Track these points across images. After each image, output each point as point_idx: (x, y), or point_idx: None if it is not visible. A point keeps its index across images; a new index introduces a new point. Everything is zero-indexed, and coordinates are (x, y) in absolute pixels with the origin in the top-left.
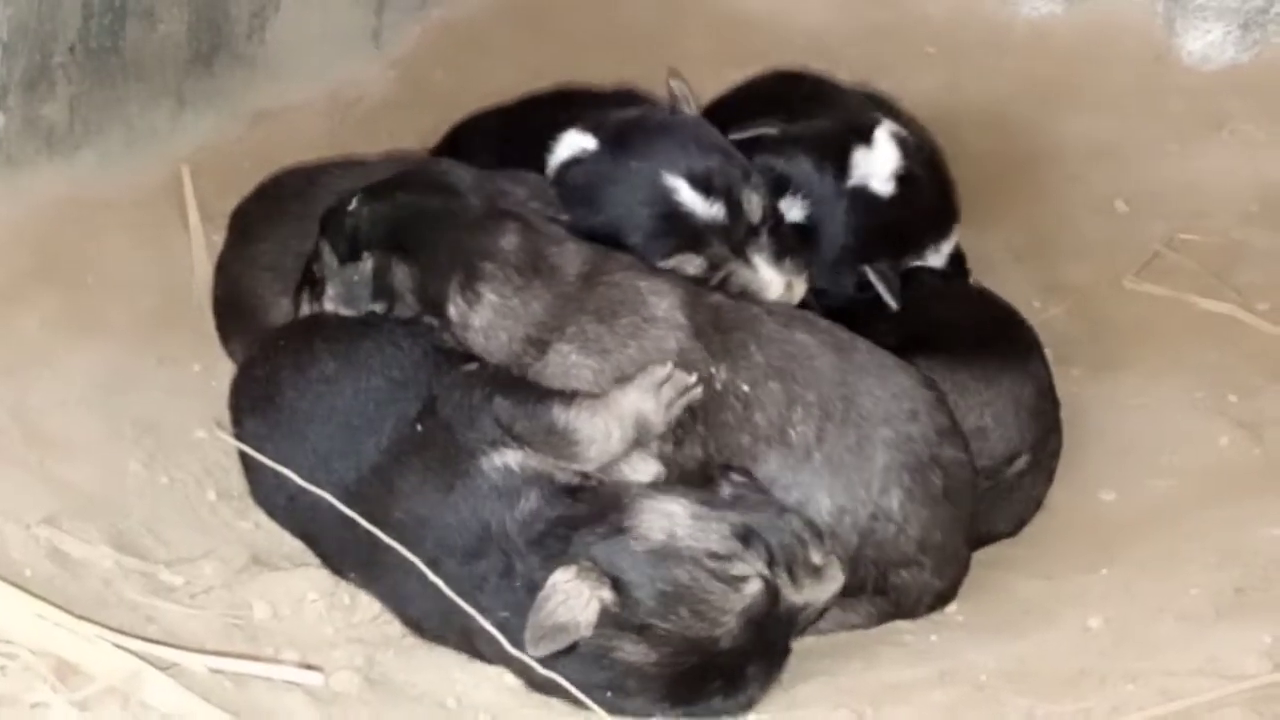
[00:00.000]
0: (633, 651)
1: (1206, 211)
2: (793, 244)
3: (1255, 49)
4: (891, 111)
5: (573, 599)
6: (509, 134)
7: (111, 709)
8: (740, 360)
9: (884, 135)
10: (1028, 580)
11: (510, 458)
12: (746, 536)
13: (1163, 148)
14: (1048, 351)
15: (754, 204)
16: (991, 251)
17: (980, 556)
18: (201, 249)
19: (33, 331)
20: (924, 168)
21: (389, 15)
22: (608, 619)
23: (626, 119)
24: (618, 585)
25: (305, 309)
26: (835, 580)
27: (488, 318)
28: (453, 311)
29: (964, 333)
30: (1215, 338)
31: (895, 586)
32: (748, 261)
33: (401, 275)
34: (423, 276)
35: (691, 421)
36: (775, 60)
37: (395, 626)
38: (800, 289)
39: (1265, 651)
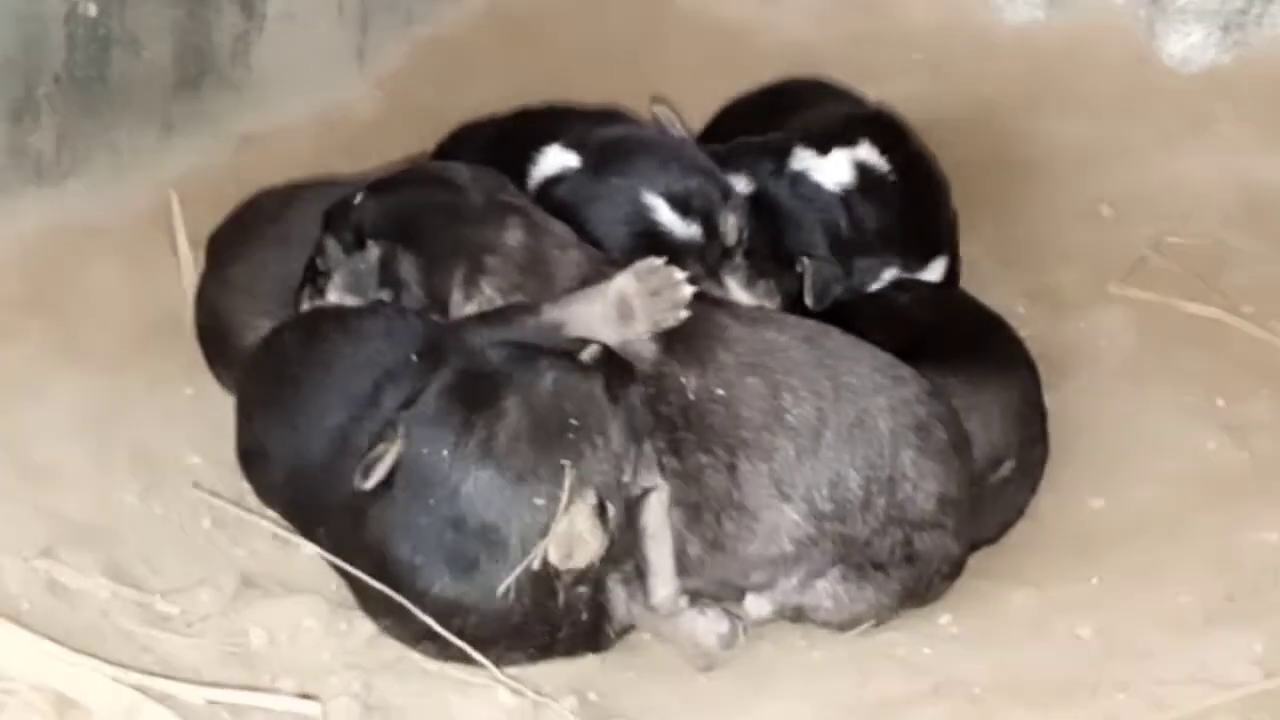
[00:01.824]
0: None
1: (1191, 214)
2: (767, 268)
3: (1236, 50)
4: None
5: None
6: (496, 148)
7: None
8: (709, 365)
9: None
10: (1018, 589)
11: None
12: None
13: (1146, 151)
14: (1035, 359)
15: (730, 226)
16: (976, 257)
17: (970, 566)
18: (191, 273)
19: (22, 361)
20: (896, 189)
21: (373, 34)
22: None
23: (610, 136)
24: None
25: (307, 305)
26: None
27: None
28: (453, 305)
29: (951, 340)
30: (1202, 342)
31: (919, 554)
32: (720, 283)
33: (407, 265)
34: (428, 267)
35: (678, 429)
36: (760, 72)
37: (392, 650)
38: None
39: (1256, 659)
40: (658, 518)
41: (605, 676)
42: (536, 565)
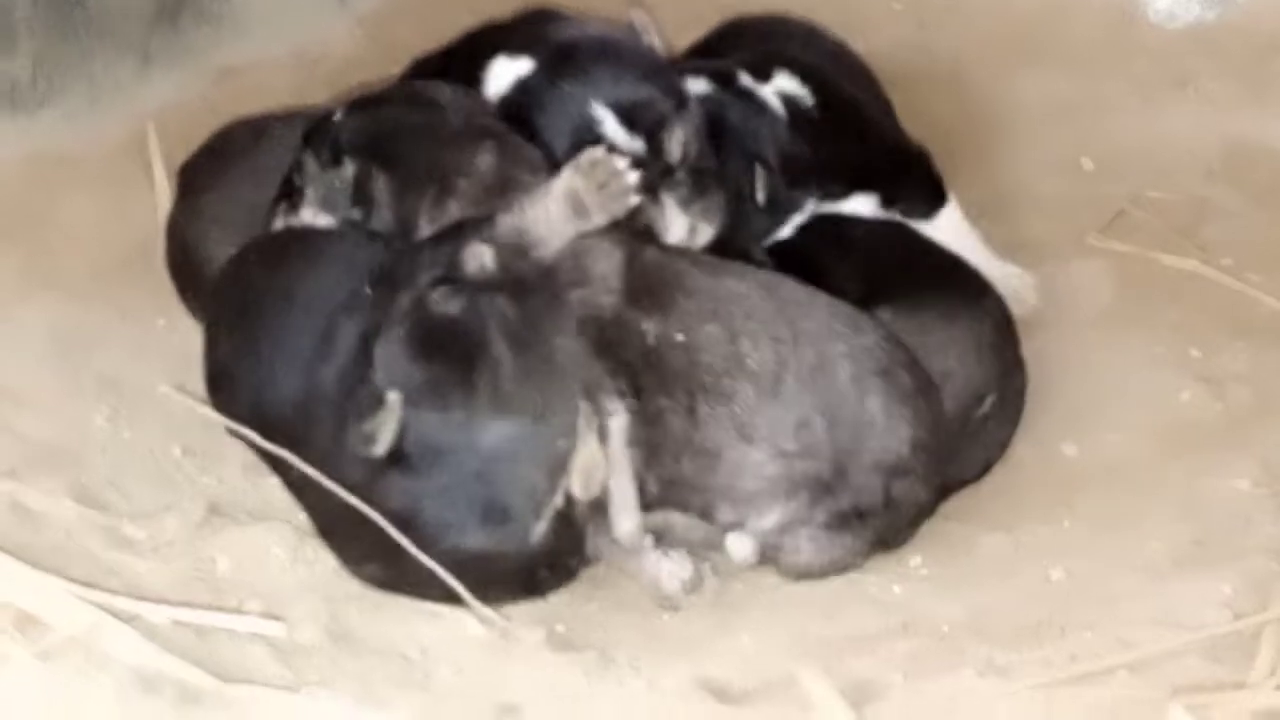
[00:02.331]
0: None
1: (1171, 169)
2: (709, 189)
3: (1220, 7)
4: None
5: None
6: (444, 76)
7: (73, 660)
8: (670, 313)
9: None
10: (990, 533)
11: None
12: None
13: (1128, 106)
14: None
15: (676, 142)
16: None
17: (943, 509)
18: (167, 206)
19: None
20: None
21: None
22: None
23: (567, 39)
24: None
25: (281, 221)
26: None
27: None
28: (419, 228)
29: (914, 276)
30: (1178, 294)
31: (894, 501)
32: (656, 199)
33: (381, 184)
34: (400, 188)
35: (638, 374)
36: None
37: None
38: (705, 235)
39: (1224, 601)
40: (617, 447)
41: (573, 609)
42: (561, 502)
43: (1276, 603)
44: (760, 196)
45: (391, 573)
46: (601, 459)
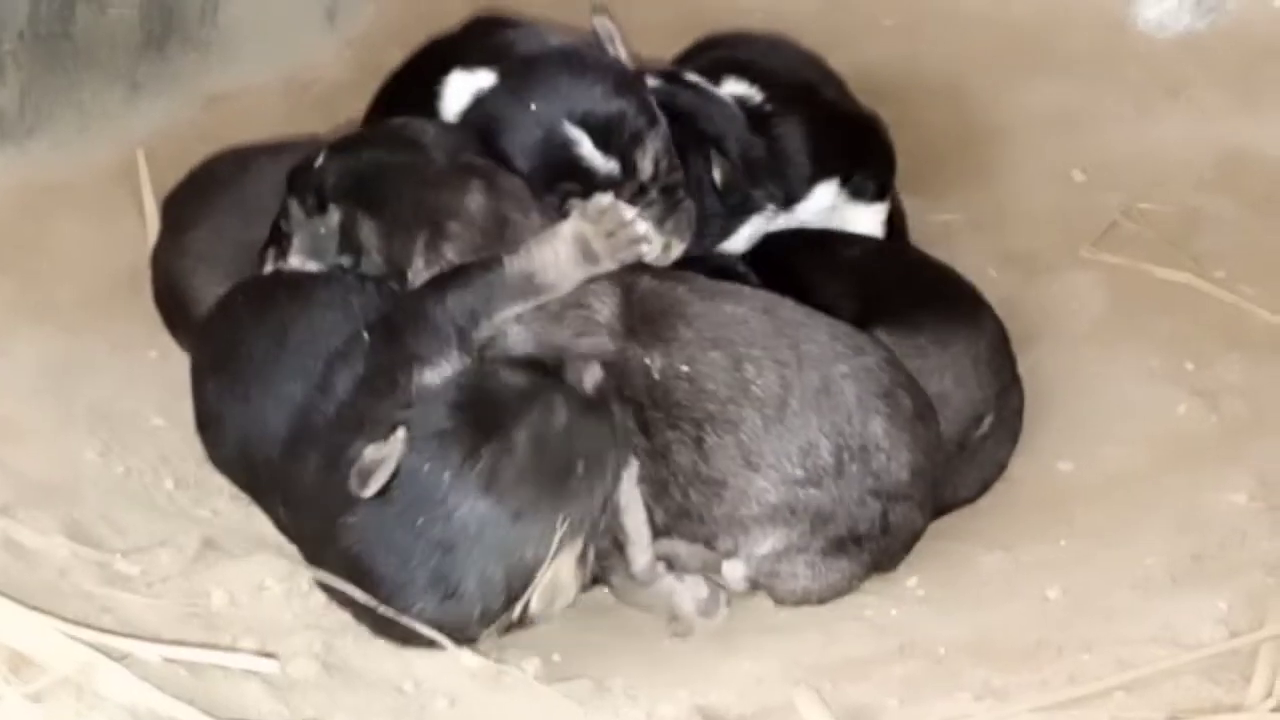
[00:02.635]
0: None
1: (1163, 180)
2: (680, 203)
3: (1211, 16)
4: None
5: (380, 448)
6: (397, 95)
7: (65, 701)
8: (672, 344)
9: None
10: (987, 552)
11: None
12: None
13: (1120, 116)
14: (1006, 323)
15: (647, 161)
16: (948, 221)
17: (939, 528)
18: (157, 234)
19: None
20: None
21: None
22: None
23: (532, 52)
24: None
25: (270, 266)
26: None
27: None
28: (413, 271)
29: (909, 295)
30: (1172, 306)
31: (892, 526)
32: None
33: (367, 230)
34: (388, 232)
35: (645, 409)
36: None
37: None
38: (677, 250)
39: (1221, 618)
40: (629, 489)
41: (568, 638)
42: (515, 615)
43: (1273, 619)
44: (718, 179)
45: (367, 616)
46: (571, 583)
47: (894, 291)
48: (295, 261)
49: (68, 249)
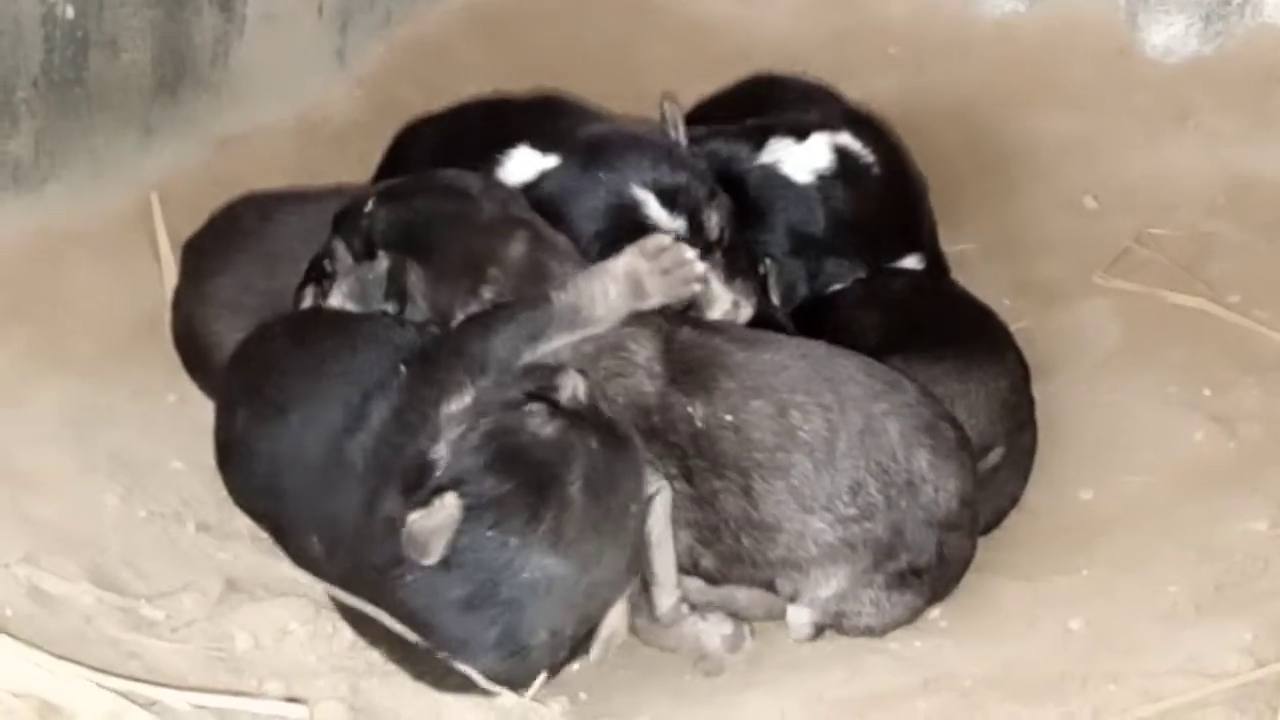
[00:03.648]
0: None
1: (1174, 205)
2: (746, 267)
3: (1218, 40)
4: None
5: (430, 514)
6: (447, 151)
7: None
8: (714, 393)
9: (822, 137)
10: (1009, 582)
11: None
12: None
13: (1129, 142)
14: (1023, 352)
15: (714, 222)
16: (961, 250)
17: None
18: (173, 278)
19: (3, 368)
20: (873, 185)
21: (353, 34)
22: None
23: (594, 133)
24: (454, 481)
25: (308, 304)
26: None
27: None
28: (456, 316)
29: (938, 329)
30: (1186, 332)
31: (947, 557)
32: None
33: (415, 277)
34: (435, 279)
35: (688, 456)
36: (739, 69)
37: (378, 652)
38: (747, 311)
39: (1246, 648)
40: (661, 523)
41: (595, 676)
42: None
43: None
44: (774, 295)
45: (404, 658)
46: (622, 627)
47: (925, 324)
48: (336, 302)
49: (84, 295)
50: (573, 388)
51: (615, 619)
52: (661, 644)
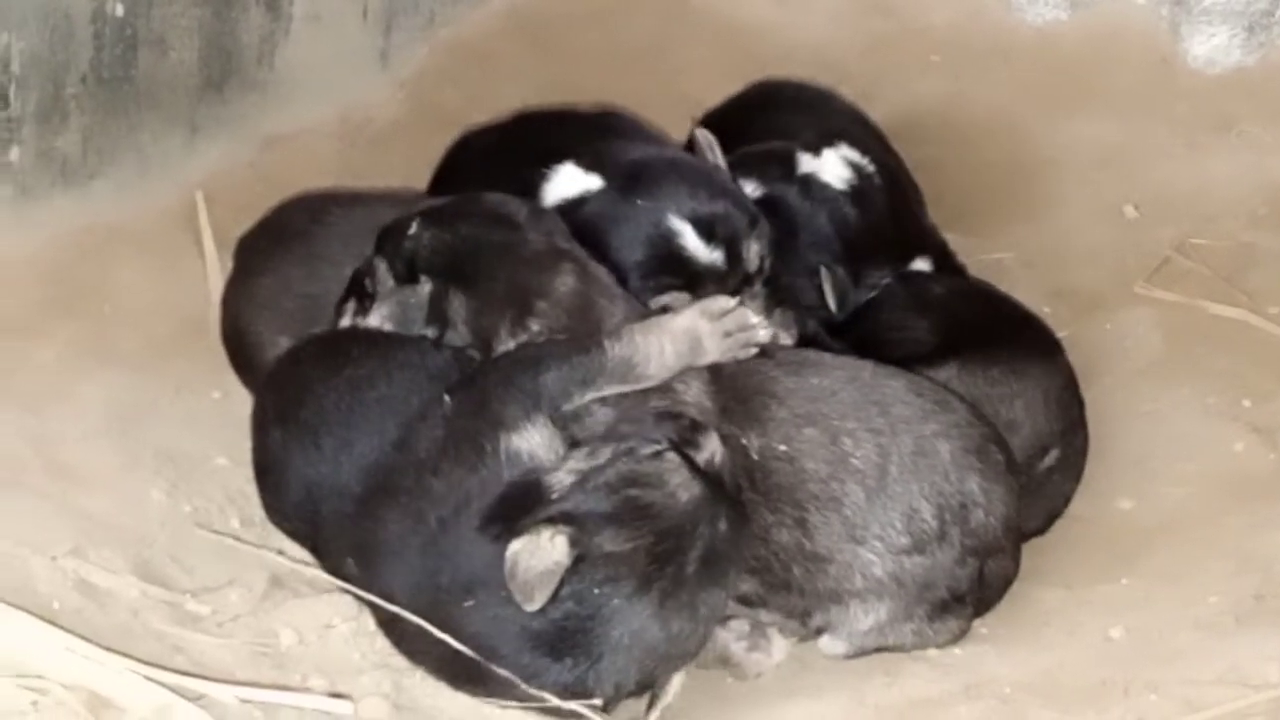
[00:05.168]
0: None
1: (1215, 215)
2: (785, 296)
3: (1261, 51)
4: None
5: (537, 549)
6: (501, 161)
7: None
8: (768, 424)
9: (833, 153)
10: (1049, 590)
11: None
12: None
13: (1170, 152)
14: None
15: (753, 253)
16: (1000, 258)
17: None
18: (217, 275)
19: (50, 363)
20: (879, 193)
21: (396, 36)
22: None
23: (636, 158)
24: (570, 519)
25: (347, 320)
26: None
27: None
28: (498, 343)
29: (990, 329)
30: (1227, 342)
31: (988, 580)
32: None
33: (458, 304)
34: (479, 308)
35: (742, 490)
36: (779, 72)
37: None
38: (787, 342)
39: None
40: None
41: None
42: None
43: None
44: (832, 304)
45: (450, 673)
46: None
47: (976, 327)
48: (374, 322)
49: (131, 292)
50: (712, 451)
51: (674, 688)
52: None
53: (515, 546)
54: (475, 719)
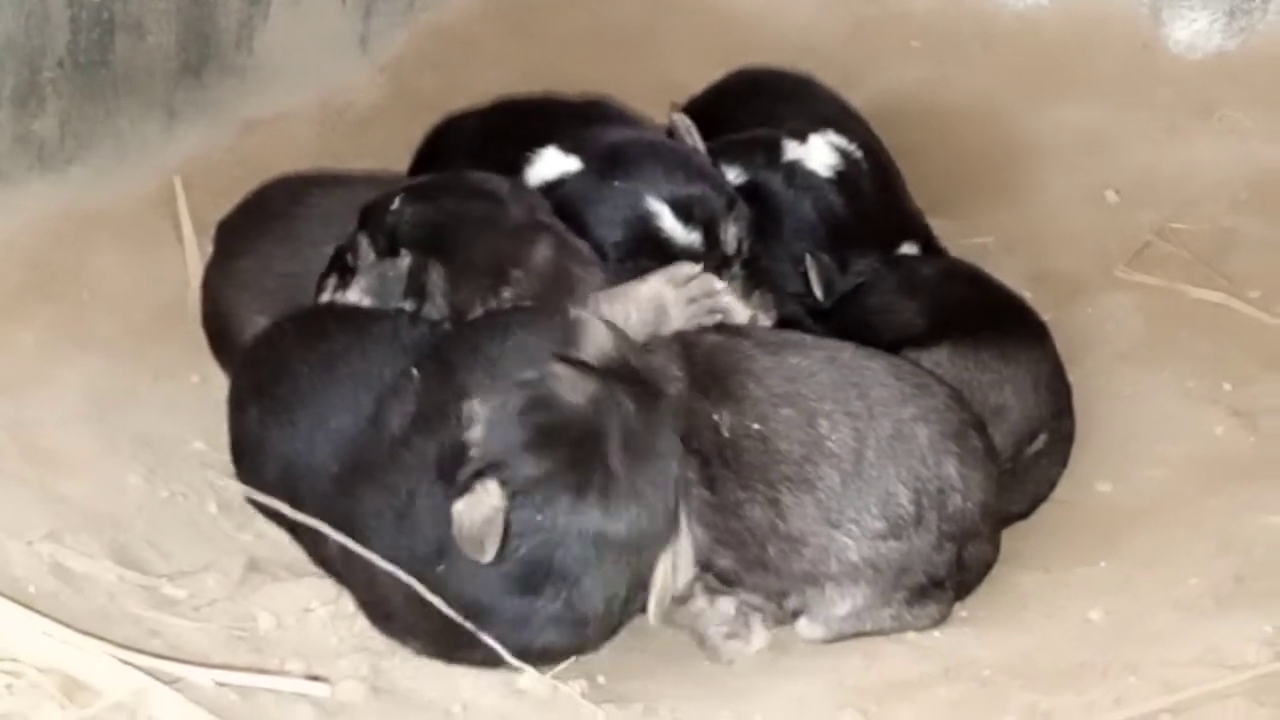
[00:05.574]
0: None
1: (1197, 200)
2: (765, 279)
3: (1241, 36)
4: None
5: (475, 503)
6: (484, 145)
7: None
8: (742, 401)
9: (820, 139)
10: (1028, 573)
11: None
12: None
13: (1151, 136)
14: None
15: (730, 235)
16: (983, 243)
17: None
18: (195, 260)
19: (28, 347)
20: (866, 179)
21: (376, 21)
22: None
23: (615, 140)
24: (491, 464)
25: (328, 296)
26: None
27: None
28: (472, 314)
29: (979, 312)
30: (1208, 326)
31: (967, 564)
32: None
33: (436, 277)
34: (456, 279)
35: (712, 464)
36: (762, 59)
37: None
38: (766, 324)
39: (1266, 640)
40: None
41: (613, 660)
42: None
43: None
44: (818, 291)
45: (437, 646)
46: (671, 581)
47: (965, 310)
48: (354, 296)
49: (109, 277)
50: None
51: (663, 574)
52: (670, 619)
53: (458, 507)
54: (453, 700)
